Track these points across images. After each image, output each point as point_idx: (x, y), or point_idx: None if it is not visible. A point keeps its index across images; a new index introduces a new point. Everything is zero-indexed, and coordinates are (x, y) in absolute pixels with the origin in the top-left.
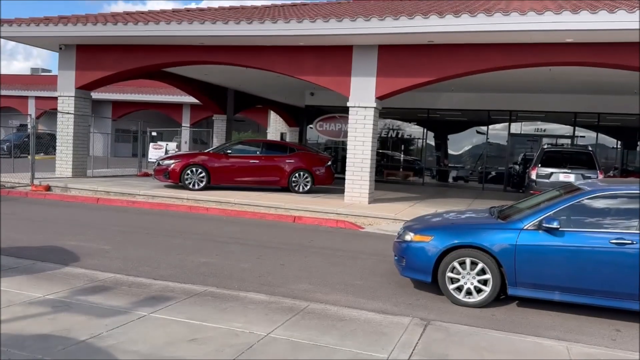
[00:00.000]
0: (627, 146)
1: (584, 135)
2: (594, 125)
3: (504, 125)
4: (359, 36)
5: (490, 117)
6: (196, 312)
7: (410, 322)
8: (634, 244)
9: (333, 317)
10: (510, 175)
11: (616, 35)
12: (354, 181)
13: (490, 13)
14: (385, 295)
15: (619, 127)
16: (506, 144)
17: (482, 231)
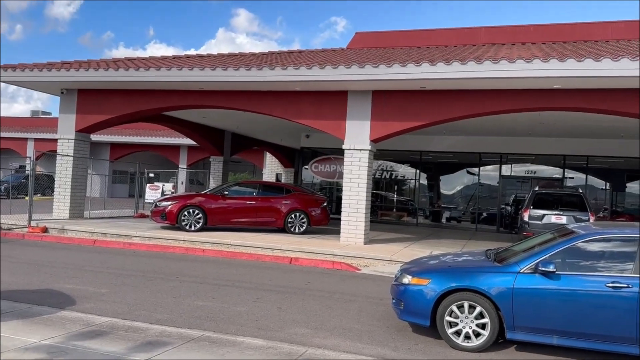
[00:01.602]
0: (615, 187)
1: (573, 177)
2: (583, 168)
3: (495, 167)
4: (353, 82)
5: (481, 159)
6: (193, 357)
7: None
8: (630, 288)
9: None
10: (502, 216)
11: (602, 82)
12: (349, 222)
13: (480, 61)
14: (383, 340)
15: (607, 169)
16: (497, 185)
17: (479, 274)
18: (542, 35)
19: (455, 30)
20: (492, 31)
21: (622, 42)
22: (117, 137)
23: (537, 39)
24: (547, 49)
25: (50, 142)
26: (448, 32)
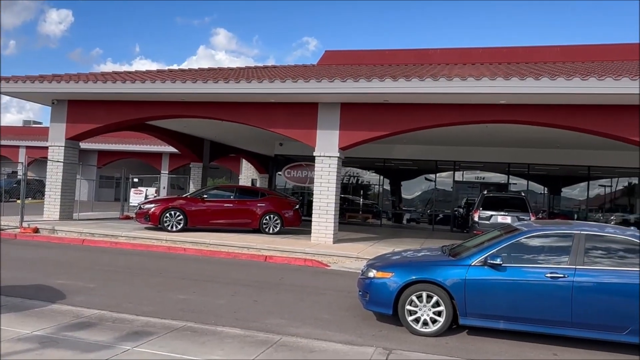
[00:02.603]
0: (552, 192)
1: (516, 183)
2: (525, 174)
3: (449, 174)
4: (323, 95)
5: (437, 166)
6: (176, 345)
7: (374, 351)
8: (566, 277)
9: (304, 348)
10: (455, 218)
11: (541, 98)
12: (319, 223)
13: (436, 78)
14: (351, 328)
15: (545, 175)
16: (451, 190)
17: (436, 267)
18: (490, 57)
19: (414, 50)
20: (446, 52)
21: (559, 63)
22: (104, 145)
23: (486, 60)
24: (494, 68)
25: (40, 149)
26: (407, 52)
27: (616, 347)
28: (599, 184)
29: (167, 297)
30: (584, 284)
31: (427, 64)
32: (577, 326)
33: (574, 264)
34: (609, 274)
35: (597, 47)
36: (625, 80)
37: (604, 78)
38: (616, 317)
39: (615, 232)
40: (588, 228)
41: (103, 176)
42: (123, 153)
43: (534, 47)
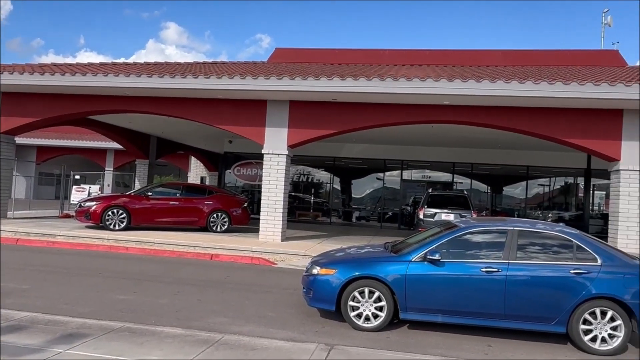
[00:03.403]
0: (495, 190)
1: (462, 182)
2: (469, 173)
3: (398, 172)
4: (272, 92)
5: (386, 165)
6: (113, 347)
7: (316, 347)
8: (500, 272)
9: (246, 346)
10: (403, 215)
11: (482, 99)
12: (267, 221)
13: (383, 78)
14: (294, 325)
15: (488, 174)
16: (399, 188)
17: (378, 264)
18: (436, 59)
19: (364, 50)
20: (394, 53)
21: (499, 67)
22: (44, 140)
23: (432, 62)
24: (440, 70)
25: None
26: (358, 52)
27: (545, 337)
28: (538, 183)
29: (106, 297)
30: (516, 277)
31: (376, 64)
32: (510, 318)
33: (508, 258)
34: (539, 267)
35: (537, 52)
36: (559, 84)
37: (539, 82)
38: (545, 308)
39: (545, 227)
40: (521, 224)
41: (42, 173)
42: (65, 149)
43: (478, 51)
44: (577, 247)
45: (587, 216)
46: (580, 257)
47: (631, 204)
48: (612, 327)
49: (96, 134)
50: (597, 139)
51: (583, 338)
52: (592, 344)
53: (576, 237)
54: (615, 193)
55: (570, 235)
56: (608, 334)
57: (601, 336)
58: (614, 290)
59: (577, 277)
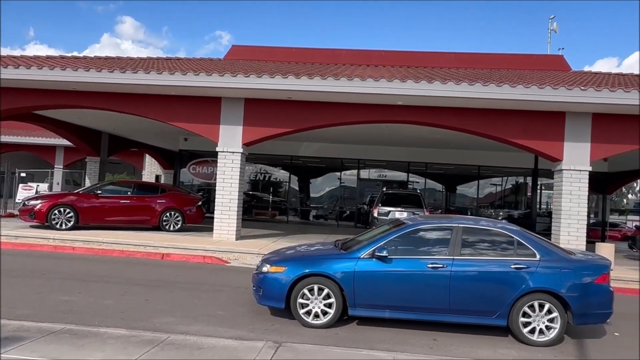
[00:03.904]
0: (449, 189)
1: (418, 181)
2: (423, 173)
3: (355, 172)
4: (226, 89)
5: (343, 164)
6: (51, 350)
7: (264, 345)
8: (445, 267)
9: (192, 346)
10: (360, 214)
11: (434, 100)
12: (222, 219)
13: (338, 77)
14: (244, 323)
15: (442, 174)
16: (356, 187)
17: (327, 261)
18: (392, 60)
19: (322, 50)
20: (351, 53)
21: (453, 69)
22: None
23: (388, 62)
24: (395, 71)
25: None
26: (316, 51)
27: (488, 330)
28: (491, 183)
29: (48, 299)
30: (460, 273)
31: (333, 64)
32: (454, 312)
33: (452, 254)
34: (481, 263)
35: (488, 55)
36: (506, 87)
37: (488, 84)
38: (487, 302)
39: (489, 224)
40: (465, 221)
41: None
42: (10, 145)
43: (432, 53)
44: (518, 243)
45: (534, 214)
46: (520, 253)
47: (573, 202)
48: (549, 319)
49: (45, 130)
50: (542, 140)
51: (522, 330)
52: (530, 335)
53: (517, 233)
54: (558, 192)
55: (512, 232)
56: (545, 326)
57: (539, 328)
58: (551, 284)
59: (517, 271)
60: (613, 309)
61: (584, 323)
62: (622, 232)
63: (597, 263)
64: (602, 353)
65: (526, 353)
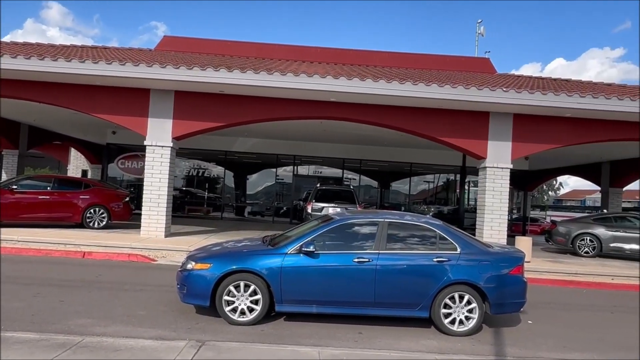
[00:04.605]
0: (383, 186)
1: (355, 178)
2: (358, 169)
3: (291, 168)
4: (155, 81)
5: (279, 160)
6: None
7: (185, 345)
8: (370, 261)
9: (108, 348)
10: (296, 210)
11: (366, 97)
12: (150, 216)
13: (271, 72)
14: (166, 323)
15: (377, 171)
16: (292, 183)
17: (254, 257)
18: (328, 57)
19: (257, 44)
20: (287, 49)
21: (386, 68)
22: None
23: (323, 59)
24: (329, 68)
25: None
26: (250, 45)
27: (412, 322)
28: (424, 180)
29: None
30: (385, 266)
31: (268, 59)
32: (379, 306)
33: (378, 248)
34: (406, 256)
35: (420, 55)
36: (434, 86)
37: (418, 83)
38: (411, 295)
39: (413, 219)
40: (390, 216)
41: None
42: None
43: (367, 51)
44: (440, 237)
45: (462, 210)
46: (442, 246)
47: (495, 198)
48: (468, 309)
49: None
50: (468, 139)
51: (444, 321)
52: (451, 326)
53: (439, 227)
54: (482, 188)
55: (434, 226)
56: (465, 316)
57: (459, 319)
58: (471, 276)
59: (439, 264)
60: (526, 298)
61: (500, 312)
62: (541, 227)
63: (512, 255)
64: (516, 340)
65: (446, 343)
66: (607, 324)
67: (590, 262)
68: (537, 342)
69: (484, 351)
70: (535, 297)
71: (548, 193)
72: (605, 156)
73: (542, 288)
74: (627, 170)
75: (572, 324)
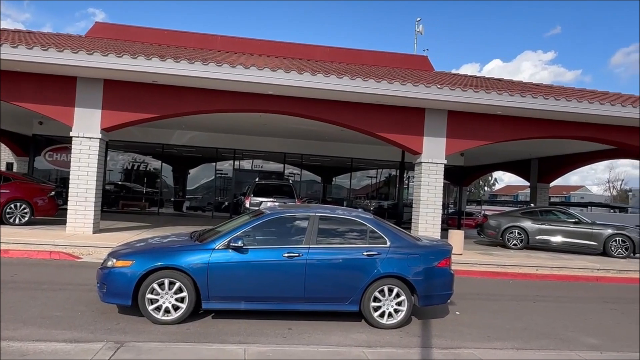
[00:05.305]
0: (326, 181)
1: (299, 173)
2: (300, 164)
3: (231, 162)
4: (82, 68)
5: (220, 154)
6: None
7: (102, 347)
8: (300, 256)
9: (14, 353)
10: (237, 205)
11: (304, 91)
12: (77, 211)
13: (206, 62)
14: (84, 324)
15: (320, 166)
16: (232, 178)
17: (179, 253)
18: (268, 50)
19: (197, 34)
20: (227, 40)
21: (327, 63)
22: None
23: (264, 52)
24: (269, 61)
25: None
26: (190, 35)
27: (344, 316)
28: (367, 176)
29: None
30: (316, 261)
31: (207, 50)
32: (309, 301)
33: (309, 243)
34: (336, 251)
35: (360, 51)
36: (372, 81)
37: (355, 78)
38: (341, 289)
39: (344, 213)
40: (322, 210)
41: None
42: None
43: (308, 45)
44: (370, 230)
45: (401, 205)
46: (372, 240)
47: (430, 193)
48: (397, 302)
49: None
50: (405, 134)
51: (373, 314)
52: (380, 319)
53: (370, 221)
54: (418, 183)
55: (365, 220)
56: (394, 309)
57: (388, 311)
58: (399, 269)
59: (369, 258)
60: (453, 290)
61: (428, 304)
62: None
63: (440, 248)
64: (443, 331)
65: (375, 336)
66: (531, 312)
67: (517, 254)
68: (463, 333)
69: (411, 343)
70: (464, 289)
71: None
72: (534, 153)
73: (472, 280)
74: (553, 167)
75: (498, 313)
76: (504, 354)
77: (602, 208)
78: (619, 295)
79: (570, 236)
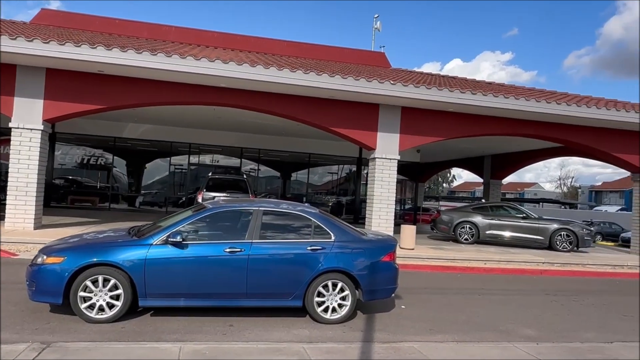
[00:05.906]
0: (285, 176)
1: (260, 168)
2: (257, 159)
3: (186, 156)
4: (22, 56)
5: (175, 149)
6: None
7: (26, 348)
8: (243, 251)
9: None
10: (192, 201)
11: (257, 84)
12: (16, 206)
13: (155, 53)
14: (10, 325)
15: (278, 161)
16: (187, 172)
17: (115, 249)
18: (224, 42)
19: (149, 24)
20: (182, 31)
21: (284, 57)
22: None
23: (220, 44)
24: (224, 53)
25: None
26: (141, 24)
27: (288, 312)
28: (328, 171)
29: None
30: (258, 256)
31: (161, 40)
32: (252, 297)
33: (251, 238)
34: (279, 246)
35: (318, 46)
36: (325, 76)
37: (309, 72)
38: (284, 285)
39: (289, 207)
40: (266, 204)
41: None
42: None
43: (265, 39)
44: (315, 225)
45: (358, 200)
46: (317, 235)
47: (383, 188)
48: (341, 297)
49: None
50: (359, 130)
51: (317, 310)
52: (324, 314)
53: (315, 215)
54: (372, 178)
55: (310, 215)
56: (338, 304)
57: (332, 306)
58: (344, 263)
59: (313, 253)
60: (398, 284)
61: (372, 299)
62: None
63: (385, 243)
64: (387, 325)
65: (318, 332)
66: (475, 306)
67: (468, 249)
68: (406, 326)
69: (353, 338)
70: (413, 283)
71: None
72: (487, 150)
73: (423, 274)
74: (505, 164)
75: (443, 307)
76: (444, 346)
77: (553, 204)
78: (561, 288)
79: (519, 231)
